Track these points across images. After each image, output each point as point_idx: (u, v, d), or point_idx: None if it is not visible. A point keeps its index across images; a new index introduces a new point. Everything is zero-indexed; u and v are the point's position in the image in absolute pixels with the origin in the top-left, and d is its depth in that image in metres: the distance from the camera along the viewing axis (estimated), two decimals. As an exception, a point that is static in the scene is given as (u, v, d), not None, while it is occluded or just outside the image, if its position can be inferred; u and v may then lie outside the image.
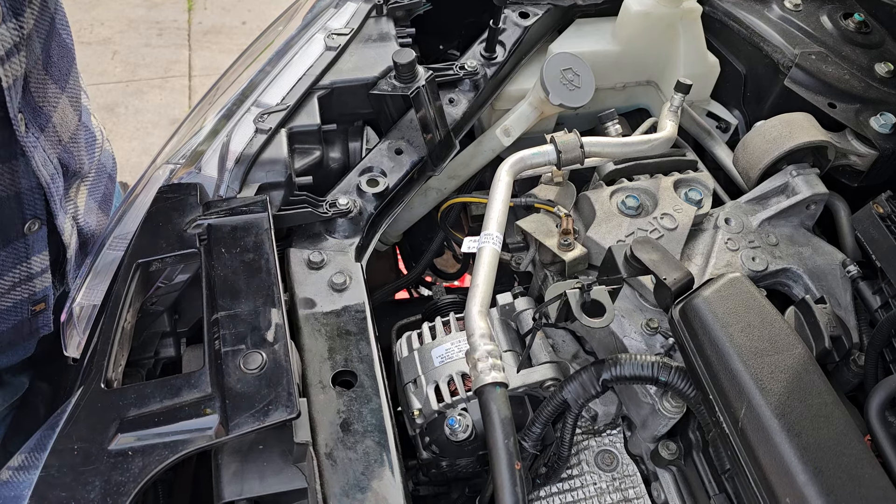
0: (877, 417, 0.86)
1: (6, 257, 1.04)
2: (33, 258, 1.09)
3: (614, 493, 1.05)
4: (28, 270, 1.09)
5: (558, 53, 1.29)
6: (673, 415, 0.97)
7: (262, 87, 1.25)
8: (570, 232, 1.09)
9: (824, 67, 1.29)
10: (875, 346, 0.99)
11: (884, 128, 1.22)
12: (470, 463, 1.13)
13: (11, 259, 1.06)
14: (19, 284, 1.08)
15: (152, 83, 4.00)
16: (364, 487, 0.86)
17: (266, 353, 0.87)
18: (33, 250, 1.08)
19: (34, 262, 1.09)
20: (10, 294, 1.06)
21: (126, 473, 0.76)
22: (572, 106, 1.26)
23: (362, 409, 0.93)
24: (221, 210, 1.06)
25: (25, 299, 1.09)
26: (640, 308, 1.08)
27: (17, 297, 1.07)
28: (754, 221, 1.20)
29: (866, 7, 1.42)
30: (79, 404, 0.83)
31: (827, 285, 1.13)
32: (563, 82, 1.28)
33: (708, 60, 1.43)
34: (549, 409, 0.94)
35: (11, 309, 1.08)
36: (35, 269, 1.10)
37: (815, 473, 0.73)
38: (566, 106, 1.26)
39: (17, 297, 1.07)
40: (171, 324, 1.10)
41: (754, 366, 0.81)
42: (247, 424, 0.81)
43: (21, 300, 1.08)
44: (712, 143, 1.44)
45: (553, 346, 1.11)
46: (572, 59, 1.29)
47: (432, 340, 1.11)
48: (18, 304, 1.08)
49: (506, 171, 1.09)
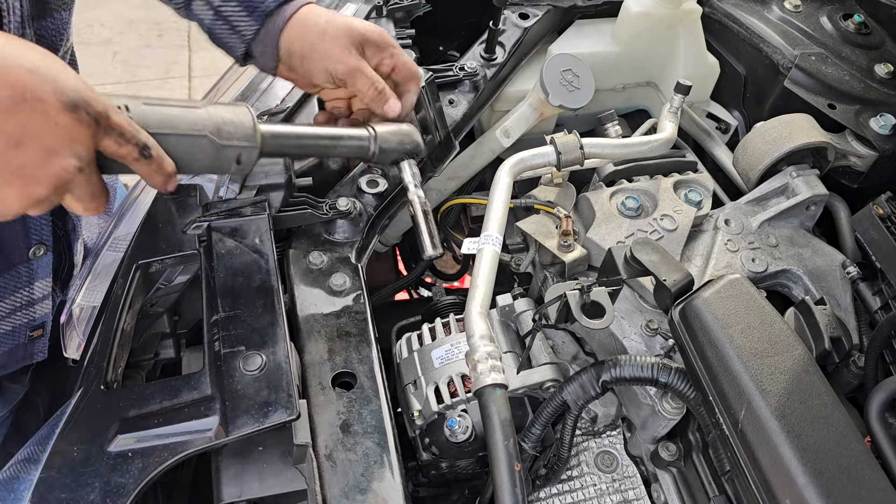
0: (877, 419, 0.86)
1: (8, 281, 1.02)
2: (36, 284, 1.07)
3: (614, 495, 1.05)
4: (30, 296, 1.07)
5: (558, 54, 1.30)
6: (673, 416, 0.97)
7: (262, 88, 1.25)
8: (569, 233, 1.09)
9: (824, 68, 1.29)
10: (875, 348, 0.99)
11: (883, 129, 1.22)
12: (470, 464, 1.13)
13: (14, 283, 1.03)
14: (20, 309, 1.06)
15: (152, 84, 4.00)
16: (364, 489, 0.86)
17: (266, 355, 0.87)
18: (37, 276, 1.06)
19: (36, 287, 1.07)
20: (9, 318, 1.04)
21: (126, 475, 0.76)
22: (572, 107, 1.26)
23: (362, 411, 0.93)
24: (221, 211, 1.06)
25: (25, 324, 1.07)
26: (640, 309, 1.08)
27: (16, 322, 1.06)
28: (754, 222, 1.20)
29: (866, 8, 1.42)
30: (78, 406, 0.83)
31: (827, 286, 1.13)
32: (562, 83, 1.28)
33: (708, 61, 1.43)
34: (549, 411, 0.94)
35: (10, 333, 1.06)
36: (37, 295, 1.08)
37: (815, 475, 0.73)
38: (566, 107, 1.26)
39: (16, 321, 1.06)
40: (171, 325, 1.10)
41: (754, 367, 0.81)
42: (246, 426, 0.81)
43: (20, 325, 1.07)
44: (712, 145, 1.44)
45: (553, 347, 1.11)
46: (572, 61, 1.29)
47: (432, 342, 1.11)
48: (17, 329, 1.06)
49: (506, 173, 1.09)
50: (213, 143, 0.79)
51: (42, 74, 0.63)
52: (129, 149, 0.71)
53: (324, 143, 0.93)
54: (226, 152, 0.81)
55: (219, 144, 0.80)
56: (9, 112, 0.61)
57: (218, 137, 0.79)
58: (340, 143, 0.93)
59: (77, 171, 0.67)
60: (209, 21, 0.96)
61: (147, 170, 0.74)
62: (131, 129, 0.71)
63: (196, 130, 0.78)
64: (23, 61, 0.62)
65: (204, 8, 0.95)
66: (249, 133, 0.82)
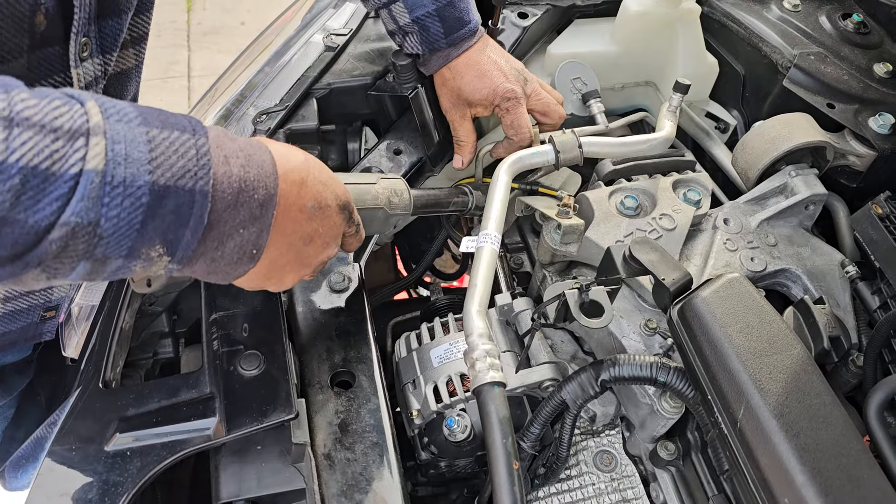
0: (875, 418, 0.86)
1: None
2: None
3: (613, 494, 1.05)
4: None
5: (568, 62, 1.32)
6: (671, 415, 0.96)
7: (260, 87, 1.25)
8: (570, 206, 1.10)
9: (823, 68, 1.29)
10: (874, 347, 0.99)
11: (882, 128, 1.22)
12: (468, 463, 1.13)
13: None
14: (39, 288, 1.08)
15: (151, 83, 3.99)
16: (362, 488, 0.86)
17: (264, 354, 0.88)
18: None
19: None
20: (27, 296, 1.07)
21: (124, 474, 0.77)
22: (582, 115, 1.29)
23: (361, 410, 0.93)
24: (220, 210, 1.06)
25: (41, 304, 1.09)
26: (639, 308, 1.08)
27: (33, 301, 1.08)
28: (753, 222, 1.20)
29: (865, 7, 1.42)
30: (77, 404, 0.83)
31: (826, 286, 1.13)
32: (572, 91, 1.31)
33: (707, 61, 1.43)
34: (548, 410, 0.94)
35: (25, 310, 1.08)
36: None
37: (813, 474, 0.73)
38: (577, 115, 1.28)
39: (33, 300, 1.08)
40: (170, 324, 1.10)
41: (753, 366, 0.81)
42: (245, 425, 0.81)
43: (36, 304, 1.09)
44: (711, 144, 1.44)
45: (552, 346, 1.11)
46: (581, 68, 1.32)
47: (431, 341, 1.11)
48: (33, 308, 1.08)
49: (504, 171, 1.09)
50: (385, 213, 0.99)
51: (328, 186, 0.78)
52: (352, 230, 0.87)
53: (442, 202, 1.16)
54: (391, 220, 1.02)
55: (389, 214, 1.00)
56: (311, 218, 0.75)
57: (389, 208, 0.99)
58: (451, 201, 1.17)
59: (334, 255, 0.85)
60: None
61: (353, 241, 0.90)
62: (357, 215, 0.87)
63: (376, 204, 0.98)
64: (317, 175, 0.76)
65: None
66: (407, 203, 1.03)
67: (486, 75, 1.13)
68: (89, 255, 0.56)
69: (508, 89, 1.13)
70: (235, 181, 0.63)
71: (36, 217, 0.51)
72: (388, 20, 1.12)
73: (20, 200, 0.50)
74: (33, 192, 0.51)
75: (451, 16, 1.09)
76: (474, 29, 1.13)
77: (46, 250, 0.53)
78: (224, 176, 0.62)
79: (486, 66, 1.13)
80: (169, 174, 0.58)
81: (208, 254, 0.64)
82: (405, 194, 1.03)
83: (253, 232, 0.66)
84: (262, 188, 0.66)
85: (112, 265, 0.58)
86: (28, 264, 0.53)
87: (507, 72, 1.14)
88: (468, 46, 1.13)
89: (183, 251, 0.61)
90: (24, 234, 0.51)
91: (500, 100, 1.14)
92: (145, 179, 0.56)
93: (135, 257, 0.59)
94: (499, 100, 1.14)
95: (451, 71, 1.14)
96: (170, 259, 0.61)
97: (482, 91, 1.13)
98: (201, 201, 0.60)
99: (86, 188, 0.53)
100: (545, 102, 1.19)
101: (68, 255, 0.55)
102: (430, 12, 1.08)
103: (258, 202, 0.66)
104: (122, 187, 0.55)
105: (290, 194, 0.71)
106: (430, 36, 1.10)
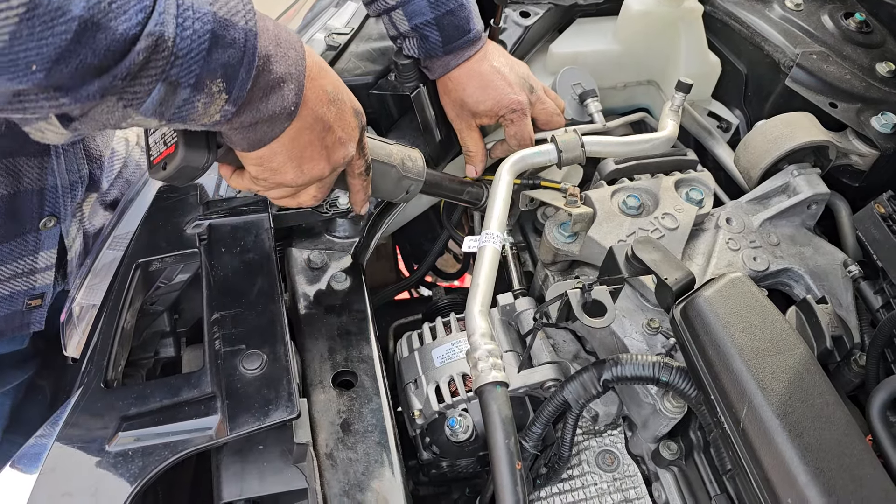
0: (878, 417, 0.86)
1: (14, 247, 1.07)
2: (41, 253, 1.11)
3: (615, 494, 1.04)
4: (33, 264, 1.11)
5: (568, 68, 1.32)
6: (674, 415, 0.96)
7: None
8: (576, 195, 1.10)
9: (825, 67, 1.29)
10: (876, 346, 0.99)
11: (885, 127, 1.21)
12: (470, 463, 1.13)
13: (19, 250, 1.08)
14: (21, 276, 1.10)
15: (153, 83, 3.99)
16: (364, 488, 0.85)
17: (266, 353, 0.87)
18: (43, 246, 1.11)
19: (41, 257, 1.11)
20: (8, 283, 1.08)
21: (126, 473, 0.76)
22: (582, 121, 1.29)
23: (363, 410, 0.93)
24: (221, 210, 1.06)
25: (24, 292, 1.11)
26: (642, 308, 1.08)
27: (15, 288, 1.09)
28: (755, 221, 1.19)
29: (867, 7, 1.42)
30: (78, 404, 0.83)
31: (828, 285, 1.13)
32: (573, 97, 1.31)
33: (709, 60, 1.43)
34: (550, 410, 0.94)
35: (7, 298, 1.10)
36: (40, 265, 1.12)
37: (816, 474, 0.73)
38: (577, 120, 1.28)
39: (15, 287, 1.09)
40: (171, 324, 1.10)
41: (756, 366, 0.81)
42: (247, 424, 0.81)
43: (19, 292, 1.10)
44: (713, 143, 1.43)
45: (554, 346, 1.11)
46: (580, 74, 1.33)
47: (433, 341, 1.11)
48: (15, 295, 1.10)
49: (506, 171, 1.09)
50: (398, 172, 1.00)
51: (342, 85, 0.82)
52: (362, 163, 0.89)
53: (456, 187, 1.16)
54: (403, 182, 1.02)
55: (402, 175, 1.00)
56: (331, 103, 0.79)
57: (402, 169, 1.00)
58: (465, 190, 1.17)
59: (347, 162, 0.86)
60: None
61: (362, 185, 0.92)
62: (367, 149, 0.90)
63: (390, 160, 0.98)
64: (333, 72, 0.81)
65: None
66: (421, 171, 1.04)
67: (489, 85, 1.12)
68: (164, 77, 0.60)
69: (514, 101, 1.12)
70: (272, 36, 0.70)
71: (124, 25, 0.56)
72: (389, 26, 1.12)
73: (111, 8, 0.55)
74: (122, 1, 0.55)
75: (451, 24, 1.08)
76: (474, 38, 1.11)
77: (133, 61, 0.57)
78: (263, 29, 0.68)
79: (490, 76, 1.12)
80: (225, 9, 0.64)
81: (254, 102, 0.70)
82: (419, 162, 1.04)
83: (291, 89, 0.73)
84: (293, 51, 0.73)
85: (181, 95, 0.63)
86: (115, 79, 0.57)
87: (512, 80, 1.13)
88: (468, 56, 1.12)
89: (238, 90, 0.66)
90: (115, 41, 0.55)
91: (505, 111, 1.13)
92: (208, 9, 0.62)
93: (199, 90, 0.64)
94: (504, 111, 1.13)
95: (453, 81, 1.14)
96: (227, 98, 0.66)
97: (486, 102, 1.13)
98: (252, 40, 0.66)
99: (163, 4, 0.58)
100: (548, 111, 1.19)
101: (147, 74, 0.59)
102: (429, 21, 1.07)
103: (292, 60, 0.72)
104: (192, 11, 0.61)
105: (313, 70, 0.77)
106: (428, 44, 1.10)
